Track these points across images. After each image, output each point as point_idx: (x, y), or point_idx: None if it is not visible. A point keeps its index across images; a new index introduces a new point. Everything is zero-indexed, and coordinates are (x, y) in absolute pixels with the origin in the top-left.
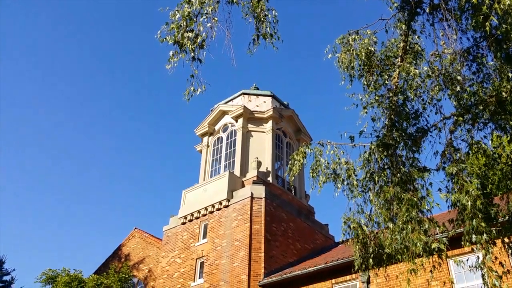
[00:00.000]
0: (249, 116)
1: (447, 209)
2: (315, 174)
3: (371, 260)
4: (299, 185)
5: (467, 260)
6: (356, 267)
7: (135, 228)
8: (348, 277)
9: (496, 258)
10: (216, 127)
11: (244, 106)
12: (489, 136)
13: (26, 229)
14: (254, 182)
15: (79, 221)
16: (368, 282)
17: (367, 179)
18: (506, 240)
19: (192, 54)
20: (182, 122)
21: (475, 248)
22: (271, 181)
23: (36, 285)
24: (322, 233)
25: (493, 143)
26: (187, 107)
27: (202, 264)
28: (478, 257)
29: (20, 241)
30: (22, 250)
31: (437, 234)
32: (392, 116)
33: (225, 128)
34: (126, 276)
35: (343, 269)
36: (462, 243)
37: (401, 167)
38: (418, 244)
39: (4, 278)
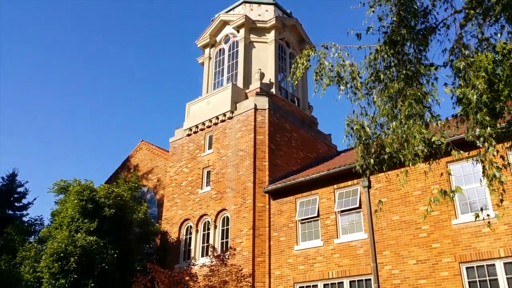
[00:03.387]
0: (251, 26)
1: (452, 106)
2: (318, 77)
3: (372, 160)
4: (302, 96)
5: (470, 159)
6: (357, 167)
7: (142, 141)
8: (349, 182)
9: (497, 151)
10: (218, 38)
11: (245, 15)
12: (499, 31)
13: (36, 143)
14: (258, 94)
15: (87, 136)
16: (369, 187)
17: (372, 78)
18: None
19: None
20: (184, 34)
21: (474, 157)
22: (274, 93)
23: (49, 195)
24: (325, 142)
25: (500, 44)
26: (189, 19)
27: (208, 173)
28: (479, 151)
29: (31, 155)
30: (33, 164)
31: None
32: (400, 12)
33: (226, 39)
34: (136, 185)
35: (345, 175)
36: (465, 136)
37: (407, 64)
38: (417, 136)
39: (18, 189)
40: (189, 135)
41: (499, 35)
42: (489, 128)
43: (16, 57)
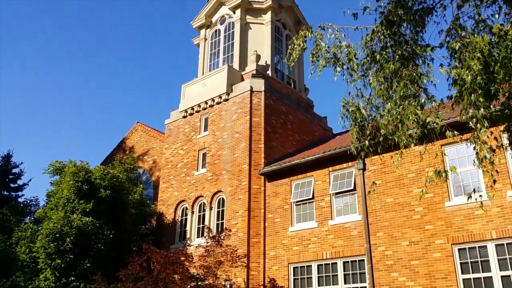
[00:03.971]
0: (247, 7)
1: (448, 88)
2: (315, 58)
3: (367, 142)
4: (299, 78)
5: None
6: (352, 149)
7: (137, 122)
8: (344, 165)
9: (491, 133)
10: (213, 19)
11: None
12: (496, 12)
13: (31, 124)
14: (253, 76)
15: (82, 118)
16: (364, 169)
17: (368, 59)
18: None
19: None
20: (180, 15)
21: (468, 140)
22: (270, 75)
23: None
24: (320, 125)
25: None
26: None
27: (204, 155)
28: (473, 133)
29: (26, 136)
30: (28, 145)
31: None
32: None
33: (222, 20)
34: (132, 166)
35: (340, 158)
36: (458, 118)
37: (404, 45)
38: (411, 117)
39: (13, 170)
40: (184, 117)
41: (496, 16)
42: (482, 110)
43: (9, 39)
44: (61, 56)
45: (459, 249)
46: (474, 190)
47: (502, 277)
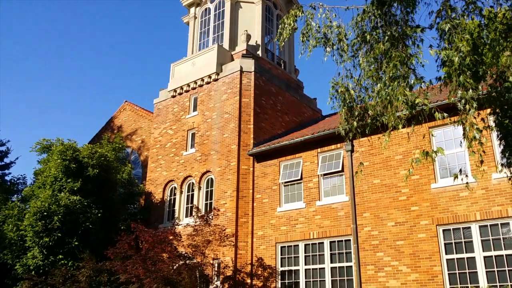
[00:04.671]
0: None
1: (436, 69)
2: (305, 38)
3: (355, 123)
4: (289, 59)
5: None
6: (341, 129)
7: (126, 101)
8: (333, 146)
9: (478, 114)
10: None
11: None
12: None
13: (18, 102)
14: (244, 56)
15: (70, 96)
16: (352, 151)
17: (358, 39)
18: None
19: None
20: None
21: (456, 122)
22: (260, 55)
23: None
24: (310, 106)
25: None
26: None
27: (193, 135)
28: (461, 113)
29: (13, 115)
30: (15, 123)
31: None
32: None
33: None
34: (120, 146)
35: (329, 139)
36: (447, 100)
37: (394, 26)
38: (400, 98)
39: (0, 148)
40: (173, 96)
41: None
42: (470, 91)
43: None
44: (48, 34)
45: (443, 230)
46: (460, 171)
47: (485, 257)
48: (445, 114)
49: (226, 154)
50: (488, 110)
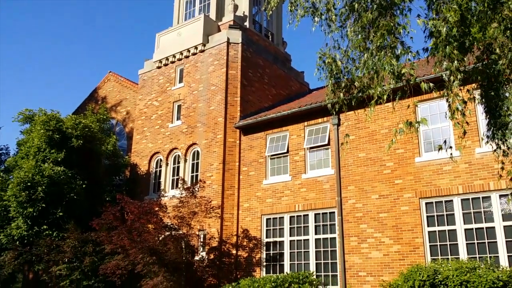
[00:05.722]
0: None
1: (424, 40)
2: (293, 7)
3: (341, 94)
4: (277, 31)
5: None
6: (327, 101)
7: (110, 72)
8: (319, 120)
9: (464, 87)
10: None
11: None
12: None
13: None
14: (231, 27)
15: (53, 65)
16: (338, 124)
17: (346, 8)
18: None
19: None
20: None
21: (441, 96)
22: (248, 26)
23: (15, 125)
24: (297, 80)
25: None
26: None
27: (179, 107)
28: (446, 85)
29: None
30: None
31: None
32: None
33: None
34: (104, 117)
35: (315, 113)
36: (434, 74)
37: None
38: (387, 67)
39: None
40: (159, 67)
41: None
42: (456, 62)
43: None
44: (32, 4)
45: (426, 203)
46: (444, 142)
47: (465, 230)
48: (431, 84)
49: (213, 127)
50: (474, 85)
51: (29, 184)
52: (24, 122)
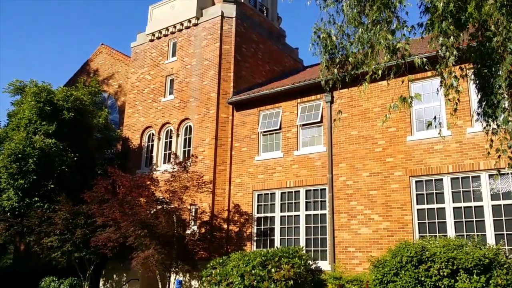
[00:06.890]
0: None
1: (419, 15)
2: None
3: (335, 70)
4: (272, 6)
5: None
6: (321, 76)
7: (102, 44)
8: (313, 97)
9: (457, 64)
10: None
11: None
12: None
13: None
14: (225, 0)
15: (44, 38)
16: (331, 102)
17: None
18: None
19: None
20: None
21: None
22: (242, 0)
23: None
24: (291, 56)
25: None
26: None
27: (172, 81)
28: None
29: None
30: None
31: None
32: None
33: None
34: (96, 89)
35: (309, 90)
36: (427, 48)
37: None
38: (382, 42)
39: None
40: (152, 40)
41: None
42: (452, 38)
43: None
44: None
45: (416, 181)
46: (434, 118)
47: (454, 208)
48: (425, 59)
49: (205, 102)
50: (467, 65)
51: (20, 155)
52: (15, 93)
